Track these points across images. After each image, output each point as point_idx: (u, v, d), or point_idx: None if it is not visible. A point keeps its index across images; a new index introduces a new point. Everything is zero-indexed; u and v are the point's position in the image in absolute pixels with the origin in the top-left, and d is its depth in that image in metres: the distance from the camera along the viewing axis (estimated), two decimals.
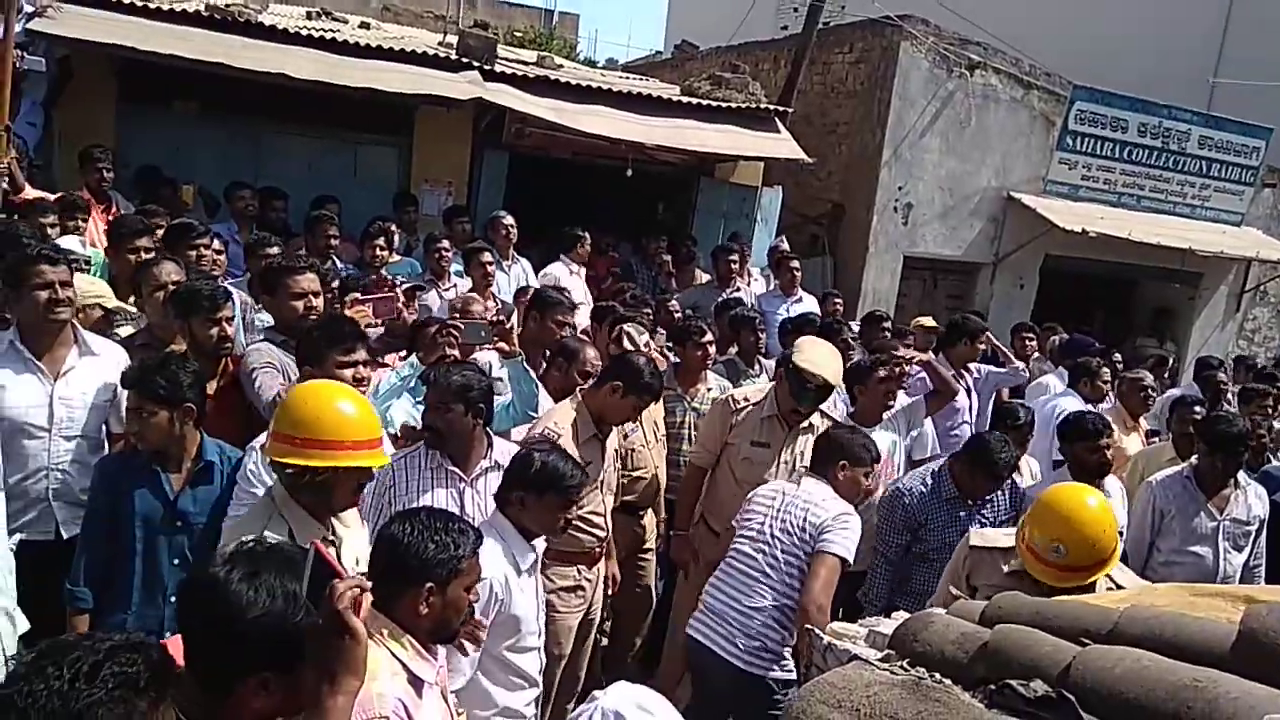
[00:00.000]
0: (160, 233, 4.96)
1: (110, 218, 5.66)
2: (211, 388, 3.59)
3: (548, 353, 4.66)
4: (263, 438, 3.27)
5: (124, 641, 1.40)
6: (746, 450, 4.21)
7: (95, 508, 3.13)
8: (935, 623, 1.77)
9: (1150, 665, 1.37)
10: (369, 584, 1.68)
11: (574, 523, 3.80)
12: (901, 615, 1.90)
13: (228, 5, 8.13)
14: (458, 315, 4.52)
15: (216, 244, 5.19)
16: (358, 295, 4.74)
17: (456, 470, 3.30)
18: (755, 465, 4.18)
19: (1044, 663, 1.49)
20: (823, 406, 4.42)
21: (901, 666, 1.69)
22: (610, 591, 4.28)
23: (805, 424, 4.29)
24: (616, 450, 4.17)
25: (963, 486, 4.24)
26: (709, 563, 4.24)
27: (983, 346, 6.23)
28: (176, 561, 3.06)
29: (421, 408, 3.90)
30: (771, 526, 3.57)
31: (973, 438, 4.54)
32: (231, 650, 1.56)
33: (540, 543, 3.18)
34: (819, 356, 4.20)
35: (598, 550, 3.98)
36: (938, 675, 1.61)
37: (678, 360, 5.20)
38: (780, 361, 4.76)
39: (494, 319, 4.35)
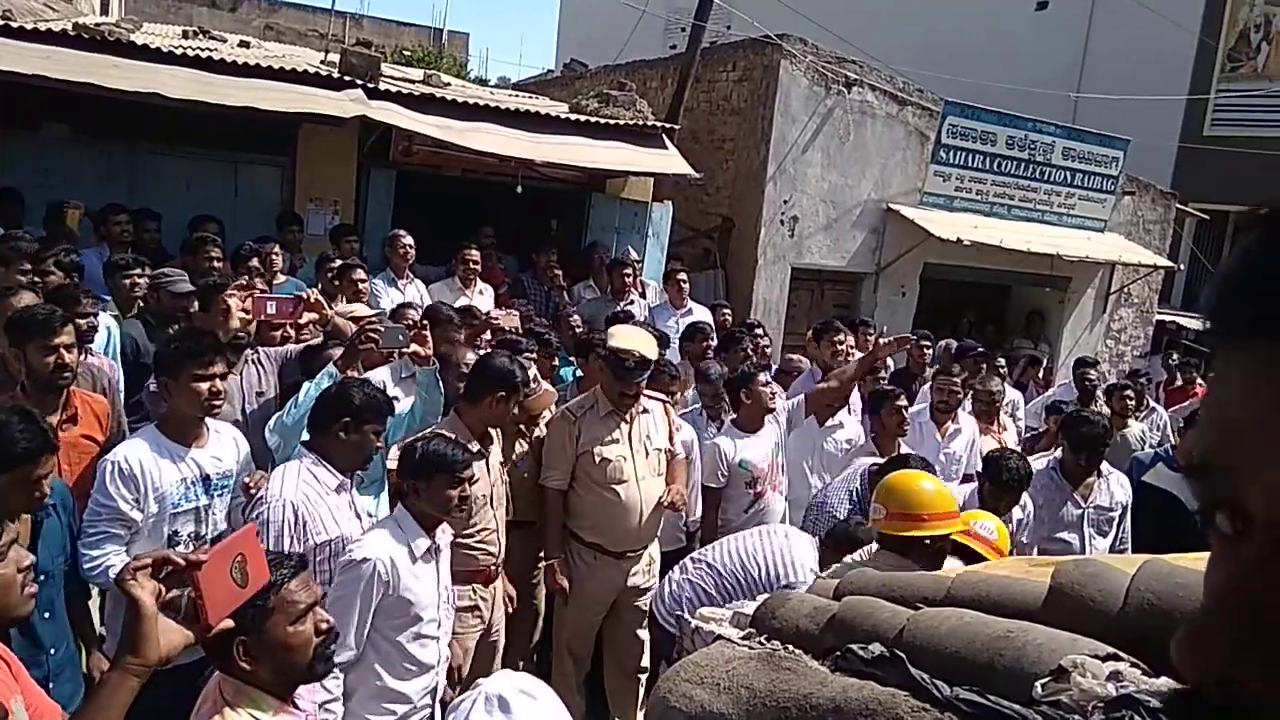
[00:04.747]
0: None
1: None
2: (52, 420, 3.40)
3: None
4: (119, 451, 3.23)
5: None
6: (601, 452, 4.27)
7: None
8: (791, 599, 1.87)
9: (972, 621, 1.49)
10: (173, 554, 1.65)
11: (466, 542, 3.86)
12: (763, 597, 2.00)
13: (98, 25, 7.91)
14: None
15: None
16: (261, 289, 4.75)
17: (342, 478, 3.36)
18: (614, 463, 4.27)
19: (883, 627, 1.60)
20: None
21: (759, 642, 1.78)
22: (508, 610, 4.30)
23: (641, 408, 4.41)
24: (501, 463, 4.18)
25: None
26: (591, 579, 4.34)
27: (842, 337, 6.42)
28: (48, 614, 2.89)
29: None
30: None
31: (897, 456, 4.64)
32: None
33: (445, 536, 3.21)
34: (630, 336, 4.38)
35: (493, 568, 4.01)
36: (790, 647, 1.71)
37: (580, 374, 5.27)
38: (598, 354, 4.84)
39: (409, 325, 4.40)
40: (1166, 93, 15.93)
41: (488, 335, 5.51)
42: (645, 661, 4.56)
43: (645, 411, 4.43)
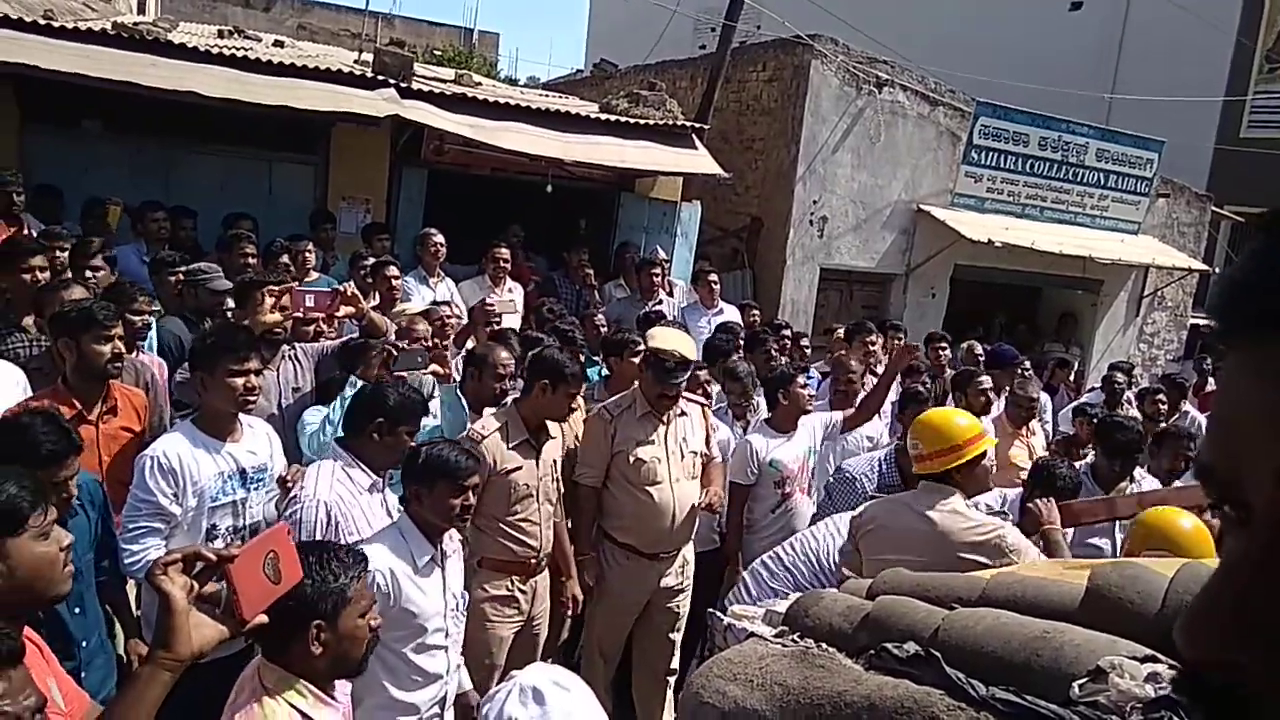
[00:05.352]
0: (61, 254, 4.91)
1: None
2: (94, 412, 3.53)
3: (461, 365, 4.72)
4: (158, 446, 3.28)
5: None
6: (636, 453, 4.24)
7: None
8: (825, 598, 1.87)
9: (1008, 622, 1.49)
10: (204, 549, 1.66)
11: (506, 530, 3.87)
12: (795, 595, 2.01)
13: (136, 24, 8.02)
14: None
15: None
16: (294, 285, 4.82)
17: (375, 478, 3.38)
18: (648, 464, 4.24)
19: (917, 626, 1.60)
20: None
21: (793, 640, 1.79)
22: (571, 612, 4.31)
23: (679, 410, 4.38)
24: (556, 461, 4.15)
25: (907, 477, 4.38)
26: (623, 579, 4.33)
27: (874, 339, 6.45)
28: (78, 609, 2.91)
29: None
30: None
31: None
32: None
33: (454, 543, 3.22)
34: (670, 337, 4.33)
35: (533, 561, 3.98)
36: (824, 645, 1.71)
37: (608, 373, 5.28)
38: (633, 351, 4.85)
39: (429, 344, 4.43)
40: (1202, 94, 15.71)
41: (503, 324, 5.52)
42: (675, 664, 4.56)
43: (683, 414, 4.39)
